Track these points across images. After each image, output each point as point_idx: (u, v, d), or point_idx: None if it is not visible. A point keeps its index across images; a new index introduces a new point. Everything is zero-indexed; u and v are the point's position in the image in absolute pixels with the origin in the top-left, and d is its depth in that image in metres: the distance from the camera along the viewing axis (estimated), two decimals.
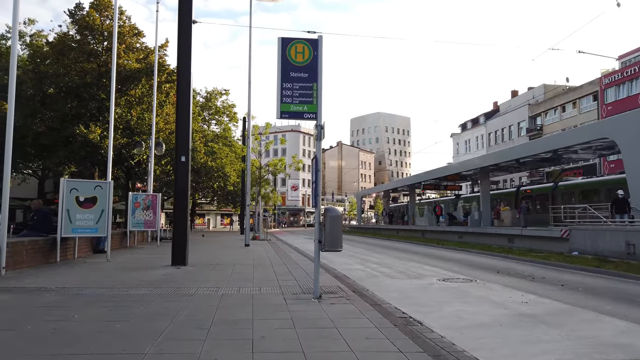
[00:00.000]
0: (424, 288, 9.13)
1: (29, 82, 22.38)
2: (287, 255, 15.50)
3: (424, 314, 6.53)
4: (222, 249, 18.12)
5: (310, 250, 19.83)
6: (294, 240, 31.03)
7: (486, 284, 9.69)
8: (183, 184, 11.49)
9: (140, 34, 25.11)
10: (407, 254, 18.49)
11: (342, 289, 8.09)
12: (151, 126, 22.08)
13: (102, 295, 7.04)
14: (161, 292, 7.34)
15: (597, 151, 23.66)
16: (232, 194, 46.74)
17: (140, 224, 18.47)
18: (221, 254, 15.71)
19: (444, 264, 14.19)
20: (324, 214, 7.03)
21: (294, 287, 8.10)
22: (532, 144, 26.65)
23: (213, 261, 12.68)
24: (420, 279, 10.40)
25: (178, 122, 11.76)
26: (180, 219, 11.43)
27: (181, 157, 11.53)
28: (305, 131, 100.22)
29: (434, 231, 33.34)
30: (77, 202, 11.90)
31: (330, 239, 6.85)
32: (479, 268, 12.92)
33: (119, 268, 10.67)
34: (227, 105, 48.84)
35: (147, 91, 24.56)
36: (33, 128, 22.59)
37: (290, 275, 9.71)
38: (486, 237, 24.53)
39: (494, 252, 17.86)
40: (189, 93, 11.71)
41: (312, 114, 7.14)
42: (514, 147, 33.75)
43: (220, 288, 7.79)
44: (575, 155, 24.49)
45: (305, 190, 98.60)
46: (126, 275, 9.35)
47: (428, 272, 11.87)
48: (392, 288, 9.11)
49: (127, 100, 24.86)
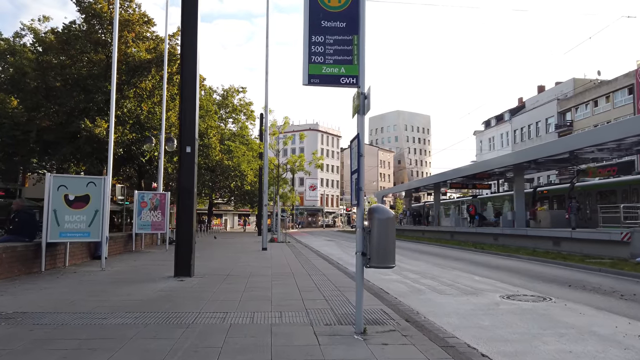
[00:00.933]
0: (489, 310, 7.09)
1: (31, 72, 20.94)
2: (310, 262, 13.58)
3: (513, 357, 4.55)
4: (236, 254, 16.27)
5: (334, 254, 17.89)
6: (314, 242, 29.13)
7: (567, 303, 7.60)
8: (188, 179, 9.67)
9: (150, 22, 23.51)
10: (444, 259, 16.38)
11: (387, 314, 6.12)
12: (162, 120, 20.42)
13: (67, 326, 5.20)
14: (149, 320, 5.48)
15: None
16: (250, 193, 45.26)
17: (147, 226, 16.76)
18: (235, 260, 13.87)
19: (494, 272, 12.09)
20: (368, 215, 5.07)
21: (325, 311, 6.15)
22: (588, 134, 23.51)
23: (224, 270, 10.83)
24: (478, 296, 8.35)
25: (182, 107, 9.93)
26: (184, 221, 9.60)
27: (186, 147, 9.71)
28: (323, 130, 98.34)
29: (465, 232, 31.05)
30: (65, 201, 10.17)
31: (378, 250, 4.88)
32: (540, 279, 10.79)
33: (111, 280, 8.88)
34: (244, 103, 47.42)
35: (158, 83, 22.96)
36: (37, 123, 21.18)
37: (317, 292, 7.77)
38: (526, 240, 22.25)
39: (546, 258, 15.63)
40: (195, 72, 9.87)
41: (352, 77, 5.19)
42: (561, 140, 31.05)
43: (228, 313, 5.89)
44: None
45: (324, 190, 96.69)
46: (115, 292, 7.54)
47: (482, 284, 9.80)
48: (449, 309, 7.10)
49: (137, 94, 23.29)
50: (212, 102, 41.47)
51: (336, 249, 22.35)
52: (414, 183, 60.05)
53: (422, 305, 7.42)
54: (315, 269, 11.48)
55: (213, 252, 17.19)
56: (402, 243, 28.48)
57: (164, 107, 20.29)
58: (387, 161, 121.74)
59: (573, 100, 53.99)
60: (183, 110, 9.83)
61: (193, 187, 9.62)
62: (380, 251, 4.89)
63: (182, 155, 9.67)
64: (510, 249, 20.08)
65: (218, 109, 43.89)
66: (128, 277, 9.32)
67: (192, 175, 9.64)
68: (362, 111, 5.12)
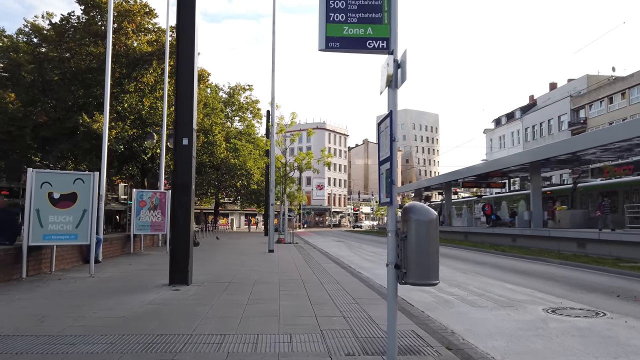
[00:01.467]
0: (538, 329, 5.95)
1: (27, 65, 19.99)
2: (320, 266, 12.46)
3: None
4: (241, 257, 15.18)
5: (344, 257, 16.76)
6: (322, 243, 28.02)
7: (627, 320, 6.44)
8: (185, 174, 8.59)
9: (152, 14, 22.46)
10: (465, 263, 15.19)
11: (420, 337, 5.01)
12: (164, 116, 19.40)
13: (21, 356, 4.13)
14: (127, 347, 4.40)
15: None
16: (256, 192, 44.36)
17: (146, 227, 15.75)
18: (238, 264, 12.79)
19: (525, 279, 10.90)
20: (403, 216, 3.95)
21: (344, 334, 5.03)
22: (621, 127, 22.01)
23: (226, 277, 9.74)
24: (518, 309, 7.19)
25: (179, 93, 8.85)
26: (180, 222, 8.52)
27: (183, 139, 8.63)
28: (330, 128, 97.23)
29: (479, 233, 29.80)
30: (50, 199, 9.14)
31: (418, 262, 3.76)
32: (581, 287, 9.61)
33: (97, 290, 7.82)
34: (250, 101, 46.55)
35: (160, 77, 21.95)
36: (33, 118, 20.23)
37: (332, 306, 6.65)
38: (547, 241, 21.00)
39: (576, 262, 14.41)
40: (193, 52, 8.78)
41: (382, 40, 4.07)
42: (586, 135, 29.62)
43: (226, 336, 4.79)
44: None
45: (331, 189, 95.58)
46: (97, 305, 6.47)
47: (517, 294, 8.64)
48: (490, 328, 5.97)
49: (138, 88, 22.29)
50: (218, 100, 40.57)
51: (346, 251, 21.23)
52: (423, 182, 58.85)
53: (456, 321, 6.30)
54: (327, 275, 10.37)
55: (216, 255, 16.13)
56: None
57: (165, 102, 19.27)
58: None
59: (587, 97, 52.70)
60: (179, 96, 8.75)
61: (190, 183, 8.54)
62: (421, 263, 3.76)
63: (177, 147, 8.60)
64: (532, 252, 18.85)
65: (224, 107, 43.01)
66: (117, 286, 8.26)
67: (190, 170, 8.56)
68: (395, 84, 4.00)
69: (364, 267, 13.52)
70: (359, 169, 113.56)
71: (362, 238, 37.47)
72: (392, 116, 3.86)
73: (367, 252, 20.80)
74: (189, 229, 8.53)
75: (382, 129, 4.13)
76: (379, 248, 23.39)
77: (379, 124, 4.20)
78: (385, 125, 4.00)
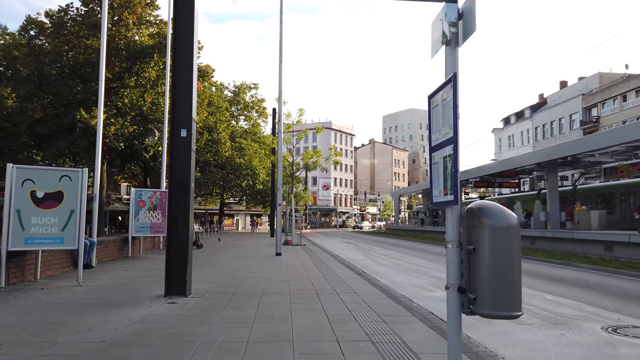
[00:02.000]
0: (610, 357, 4.86)
1: (23, 58, 19.05)
2: (333, 271, 11.40)
3: None
4: (246, 261, 14.12)
5: (356, 260, 15.68)
6: (330, 244, 26.95)
7: None
8: (183, 170, 7.57)
9: (153, 4, 21.48)
10: None
11: None
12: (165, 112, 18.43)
13: None
14: None
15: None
16: (262, 192, 43.50)
17: (145, 228, 14.77)
18: (244, 269, 11.74)
19: (564, 289, 9.77)
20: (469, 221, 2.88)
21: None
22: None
23: (230, 285, 8.70)
24: (572, 327, 6.11)
25: (176, 78, 7.82)
26: (178, 224, 7.48)
27: (181, 130, 7.62)
28: (337, 128, 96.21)
29: None
30: (32, 199, 8.15)
31: (493, 284, 2.70)
32: (630, 298, 8.49)
33: (81, 302, 6.81)
34: (256, 100, 45.74)
35: (162, 72, 21.00)
36: (29, 114, 19.30)
37: (355, 325, 5.59)
38: (570, 244, 19.85)
39: (610, 267, 13.29)
40: (193, 32, 7.75)
41: None
42: (618, 129, 28.51)
43: None
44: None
45: (337, 189, 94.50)
46: (76, 324, 5.44)
47: (563, 307, 7.53)
48: (549, 355, 4.89)
49: (139, 83, 21.33)
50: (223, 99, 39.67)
51: (356, 253, 20.16)
52: None
53: (504, 343, 5.23)
54: (342, 283, 9.32)
55: (220, 258, 15.13)
56: (424, 246, 26.22)
57: (167, 97, 18.29)
58: (402, 160, 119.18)
59: (599, 96, 51.52)
60: (177, 82, 7.73)
61: (189, 180, 7.52)
62: (498, 287, 2.70)
63: (175, 139, 7.58)
64: (554, 255, 17.70)
65: (229, 106, 42.15)
66: (105, 297, 7.24)
67: (188, 166, 7.53)
68: (457, 41, 2.94)
69: (379, 272, 12.47)
70: (365, 169, 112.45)
71: (371, 239, 36.40)
72: (454, 81, 2.80)
73: (379, 254, 19.74)
74: (187, 232, 7.50)
75: (436, 103, 3.07)
76: (390, 250, 22.35)
77: (431, 96, 3.15)
78: (443, 96, 2.94)
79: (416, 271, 13.07)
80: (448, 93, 2.86)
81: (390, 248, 24.31)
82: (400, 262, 15.88)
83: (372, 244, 28.55)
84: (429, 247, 25.13)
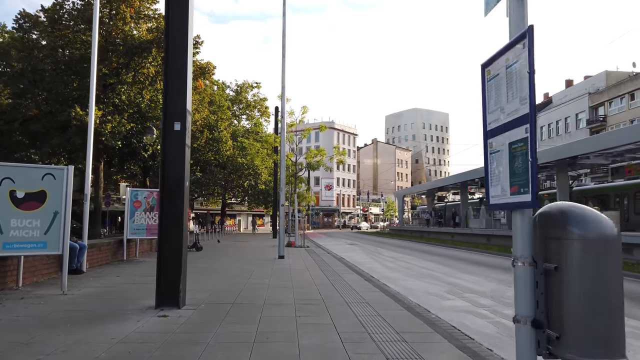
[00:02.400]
0: None
1: (15, 53, 18.35)
2: (341, 278, 10.63)
3: None
4: (247, 265, 13.32)
5: (362, 264, 14.89)
6: (335, 246, 26.18)
7: None
8: (177, 167, 6.82)
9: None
10: (508, 273, 13.25)
11: None
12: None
13: None
14: None
15: None
16: (264, 193, 42.84)
17: (141, 230, 14.03)
18: (244, 275, 10.96)
19: None
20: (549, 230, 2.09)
21: None
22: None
23: (228, 294, 7.93)
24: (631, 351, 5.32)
25: (168, 69, 7.07)
26: (171, 227, 6.72)
27: (174, 123, 6.87)
28: (339, 128, 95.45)
29: (504, 236, 27.78)
30: (12, 199, 7.41)
31: (585, 319, 1.93)
32: None
33: (61, 315, 6.06)
34: (258, 99, 45.08)
35: (161, 68, 20.27)
36: (22, 111, 18.59)
37: (372, 345, 4.82)
38: None
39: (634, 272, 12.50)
40: (187, 21, 7.00)
41: None
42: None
43: None
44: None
45: (340, 189, 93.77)
46: (47, 345, 4.68)
47: None
48: None
49: (137, 80, 20.62)
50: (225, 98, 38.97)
51: (363, 256, 19.40)
52: (437, 182, 56.97)
53: None
54: (351, 290, 8.56)
55: (219, 262, 14.38)
56: (433, 248, 25.42)
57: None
58: (405, 160, 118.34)
59: (606, 94, 50.82)
60: (169, 71, 6.98)
61: (183, 177, 6.77)
62: (592, 323, 1.93)
63: (167, 134, 6.83)
64: None
65: (231, 105, 41.48)
66: (90, 309, 6.49)
67: (182, 162, 6.79)
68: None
69: (389, 277, 11.70)
70: (368, 169, 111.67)
71: (375, 240, 35.63)
72: (530, 37, 2.02)
73: (386, 257, 18.96)
74: (181, 236, 6.75)
75: (495, 72, 2.30)
76: (396, 253, 21.58)
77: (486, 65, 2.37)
78: (508, 60, 2.17)
79: (428, 276, 12.29)
80: (518, 55, 2.10)
81: (397, 250, 23.53)
82: (410, 266, 15.09)
83: (377, 246, 27.78)
84: (436, 249, 24.34)
